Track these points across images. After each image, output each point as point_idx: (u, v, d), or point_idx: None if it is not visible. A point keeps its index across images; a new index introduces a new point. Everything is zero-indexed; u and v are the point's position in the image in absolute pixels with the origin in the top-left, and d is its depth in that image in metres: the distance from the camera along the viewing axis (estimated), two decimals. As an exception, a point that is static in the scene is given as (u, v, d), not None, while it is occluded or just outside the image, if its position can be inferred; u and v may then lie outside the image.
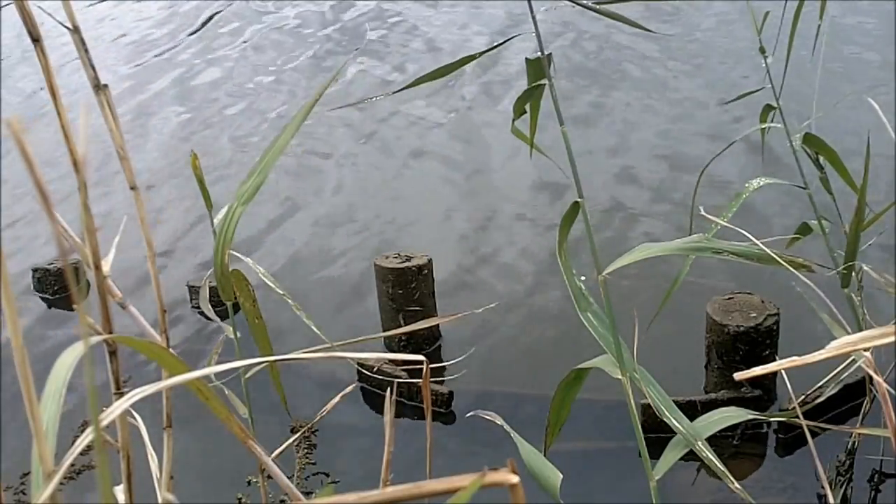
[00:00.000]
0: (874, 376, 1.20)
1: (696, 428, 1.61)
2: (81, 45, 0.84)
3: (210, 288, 1.87)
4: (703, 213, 2.04)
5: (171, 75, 6.47)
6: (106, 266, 1.01)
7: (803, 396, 2.66)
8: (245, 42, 6.96)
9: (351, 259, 4.08)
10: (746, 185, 2.31)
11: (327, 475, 2.84)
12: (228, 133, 5.50)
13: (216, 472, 2.92)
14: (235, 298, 1.55)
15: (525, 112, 1.52)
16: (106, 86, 0.89)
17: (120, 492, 1.11)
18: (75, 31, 0.84)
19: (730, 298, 2.98)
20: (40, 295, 3.95)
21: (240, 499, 2.72)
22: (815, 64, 5.26)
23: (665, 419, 1.57)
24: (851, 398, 2.81)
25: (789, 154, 2.30)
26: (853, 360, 2.26)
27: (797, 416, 1.59)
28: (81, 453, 0.83)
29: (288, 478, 1.17)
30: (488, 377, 3.22)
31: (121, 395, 0.88)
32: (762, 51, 2.19)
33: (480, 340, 3.33)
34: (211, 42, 7.04)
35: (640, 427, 1.61)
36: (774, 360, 2.85)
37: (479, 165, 4.85)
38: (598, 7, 1.46)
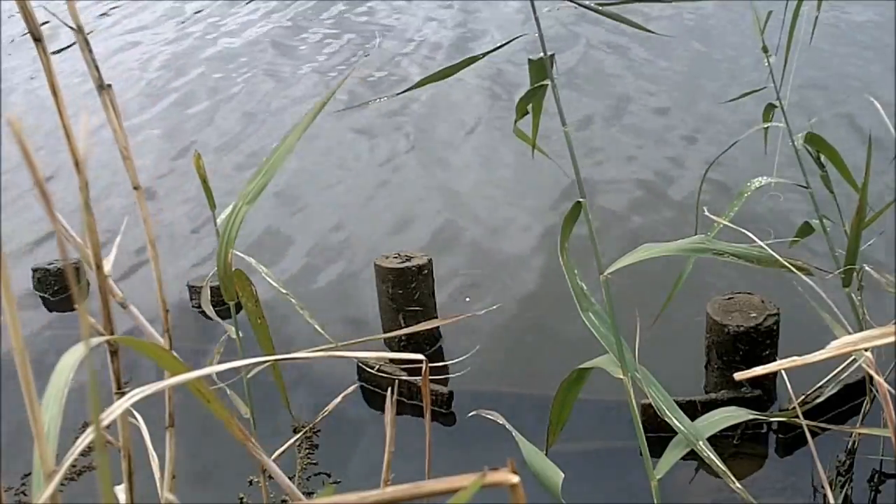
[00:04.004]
0: (874, 376, 1.20)
1: (697, 428, 1.61)
2: (85, 44, 0.85)
3: (211, 288, 1.87)
4: (706, 213, 2.05)
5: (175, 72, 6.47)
6: (107, 266, 1.01)
7: (803, 396, 2.66)
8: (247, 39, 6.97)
9: (352, 259, 4.08)
10: (748, 183, 2.32)
11: (328, 475, 2.84)
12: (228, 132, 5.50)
13: (217, 472, 2.93)
14: (238, 298, 1.56)
15: (528, 112, 1.52)
16: (109, 86, 0.90)
17: (121, 491, 1.11)
18: (79, 30, 0.84)
19: (730, 298, 2.98)
20: (40, 295, 3.95)
21: (241, 499, 2.72)
22: (818, 63, 5.28)
23: (666, 419, 1.58)
24: (851, 398, 2.81)
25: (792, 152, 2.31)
26: (853, 359, 2.26)
27: (797, 416, 1.59)
28: (83, 453, 0.83)
29: (289, 478, 1.17)
30: (488, 377, 3.22)
31: (122, 394, 0.88)
32: (765, 50, 2.19)
33: (481, 341, 3.33)
34: (213, 35, 7.04)
35: (640, 427, 1.61)
36: (774, 360, 2.85)
37: (478, 163, 4.86)
38: (598, 8, 1.46)
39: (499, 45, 1.52)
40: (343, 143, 5.21)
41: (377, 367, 3.06)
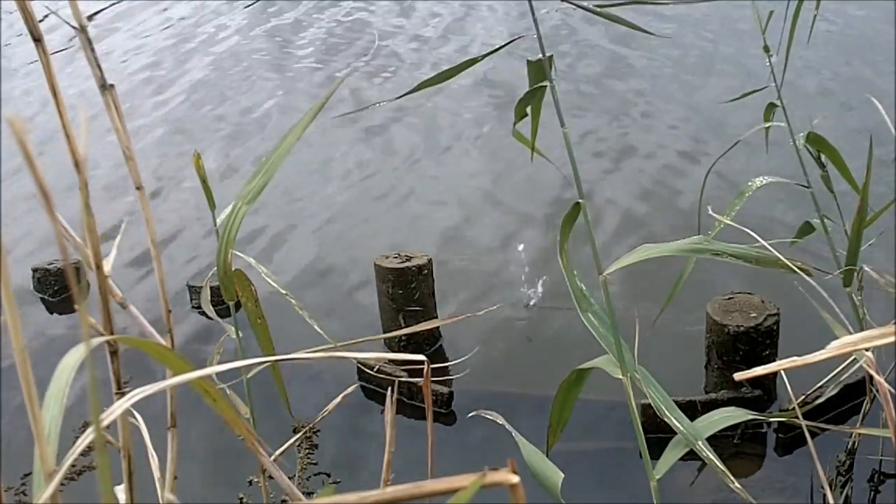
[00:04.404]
0: (875, 376, 1.21)
1: (697, 428, 1.61)
2: (88, 44, 0.85)
3: (210, 288, 1.87)
4: (710, 212, 2.05)
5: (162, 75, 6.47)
6: (107, 266, 1.01)
7: (803, 396, 2.67)
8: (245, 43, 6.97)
9: (351, 259, 4.08)
10: (749, 183, 2.32)
11: (328, 475, 2.84)
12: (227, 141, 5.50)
13: (217, 472, 2.93)
14: (237, 298, 1.56)
15: (526, 115, 1.52)
16: (112, 85, 0.90)
17: (121, 491, 1.11)
18: (82, 30, 0.84)
19: (730, 298, 2.98)
20: (40, 295, 3.95)
21: (241, 499, 2.72)
22: (819, 63, 5.28)
23: (665, 419, 1.58)
24: (851, 398, 2.81)
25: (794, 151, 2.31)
26: (853, 359, 2.26)
27: (797, 417, 1.59)
28: (83, 453, 0.83)
29: (289, 478, 1.17)
30: (488, 377, 3.22)
31: (122, 394, 0.88)
32: (766, 50, 2.19)
33: (481, 341, 3.33)
34: (212, 38, 7.04)
35: (640, 427, 1.61)
36: (774, 360, 2.85)
37: (478, 162, 4.86)
38: (597, 10, 1.46)
39: (498, 46, 1.52)
40: (359, 141, 5.21)
41: (376, 367, 3.06)
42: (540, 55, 1.46)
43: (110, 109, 0.89)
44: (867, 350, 1.20)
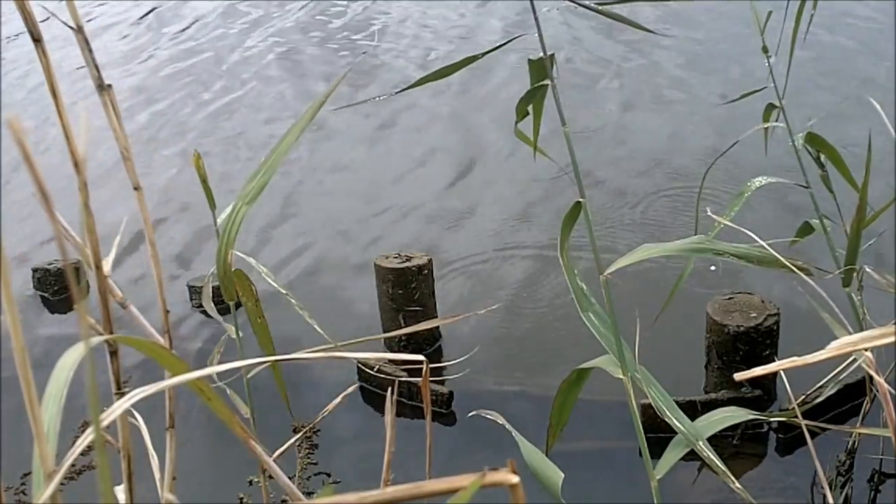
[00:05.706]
0: (874, 376, 1.21)
1: (697, 428, 1.61)
2: (85, 44, 0.85)
3: (213, 287, 1.87)
4: (708, 213, 2.05)
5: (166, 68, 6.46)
6: (107, 266, 1.01)
7: (803, 396, 2.66)
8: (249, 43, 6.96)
9: (351, 258, 4.08)
10: (748, 183, 2.32)
11: (328, 475, 2.84)
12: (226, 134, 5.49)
13: (217, 472, 2.92)
14: (238, 298, 1.56)
15: (528, 114, 1.52)
16: (110, 86, 0.90)
17: (121, 491, 1.11)
18: (79, 30, 0.84)
19: (730, 298, 2.98)
20: (40, 295, 3.95)
21: (241, 499, 2.72)
22: (818, 64, 5.27)
23: (666, 419, 1.58)
24: (851, 398, 2.81)
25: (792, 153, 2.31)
26: (853, 359, 2.26)
27: (797, 416, 1.59)
28: (82, 453, 0.83)
29: (289, 478, 1.17)
30: (489, 377, 3.22)
31: (121, 395, 0.88)
32: (765, 50, 2.19)
33: (481, 341, 3.33)
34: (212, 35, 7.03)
35: (640, 427, 1.61)
36: (774, 360, 2.85)
37: (476, 159, 4.85)
38: (599, 8, 1.46)
39: (499, 44, 1.52)
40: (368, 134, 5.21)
41: (376, 367, 3.05)
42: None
43: (108, 109, 0.89)
44: (867, 350, 1.20)
